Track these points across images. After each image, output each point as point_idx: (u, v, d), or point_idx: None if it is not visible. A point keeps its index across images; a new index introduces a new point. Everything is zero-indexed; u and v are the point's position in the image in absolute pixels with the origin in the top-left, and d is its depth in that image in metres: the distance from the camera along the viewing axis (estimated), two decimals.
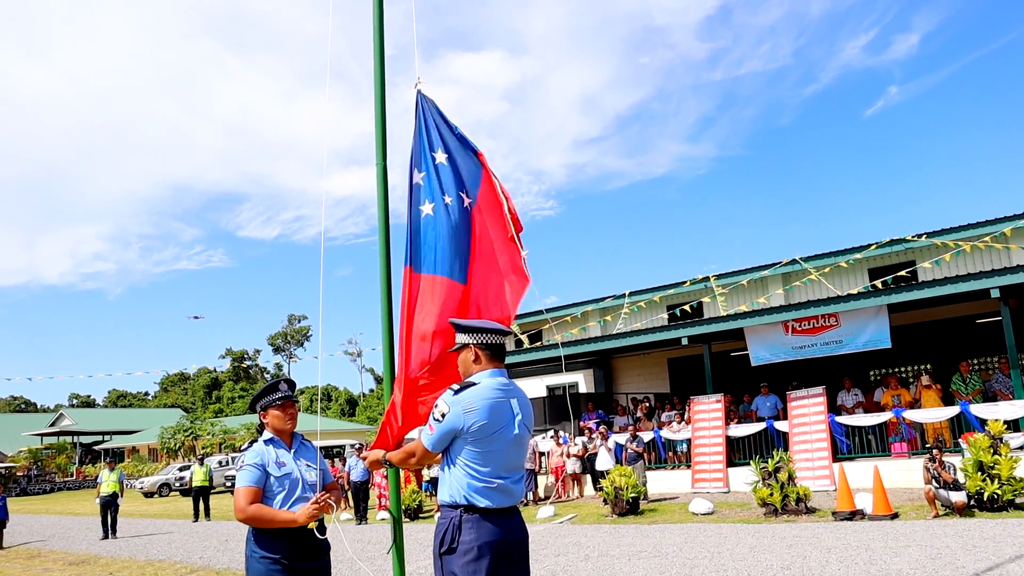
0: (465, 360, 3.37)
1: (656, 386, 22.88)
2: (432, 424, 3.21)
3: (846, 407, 16.76)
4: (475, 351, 3.34)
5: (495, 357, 3.35)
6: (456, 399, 3.16)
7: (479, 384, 3.22)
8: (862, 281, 20.45)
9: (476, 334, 3.36)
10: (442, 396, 3.22)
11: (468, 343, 3.36)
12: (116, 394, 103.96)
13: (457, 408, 3.14)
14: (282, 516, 3.71)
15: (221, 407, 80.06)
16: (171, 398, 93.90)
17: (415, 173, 4.38)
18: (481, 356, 3.33)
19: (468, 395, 3.17)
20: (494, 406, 3.17)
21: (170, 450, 50.19)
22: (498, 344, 3.37)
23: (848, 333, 16.25)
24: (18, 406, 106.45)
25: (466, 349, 3.37)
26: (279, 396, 4.01)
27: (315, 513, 3.71)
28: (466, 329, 3.39)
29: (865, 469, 14.14)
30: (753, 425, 17.14)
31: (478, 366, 3.33)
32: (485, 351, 3.34)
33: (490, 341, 3.35)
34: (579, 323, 24.87)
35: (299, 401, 4.41)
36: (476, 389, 3.19)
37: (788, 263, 21.32)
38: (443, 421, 3.16)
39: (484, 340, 3.34)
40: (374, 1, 4.48)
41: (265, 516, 3.69)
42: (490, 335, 3.36)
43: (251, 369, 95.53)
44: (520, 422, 3.26)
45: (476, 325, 3.39)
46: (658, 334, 18.69)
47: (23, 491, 48.63)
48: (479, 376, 3.28)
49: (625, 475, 14.89)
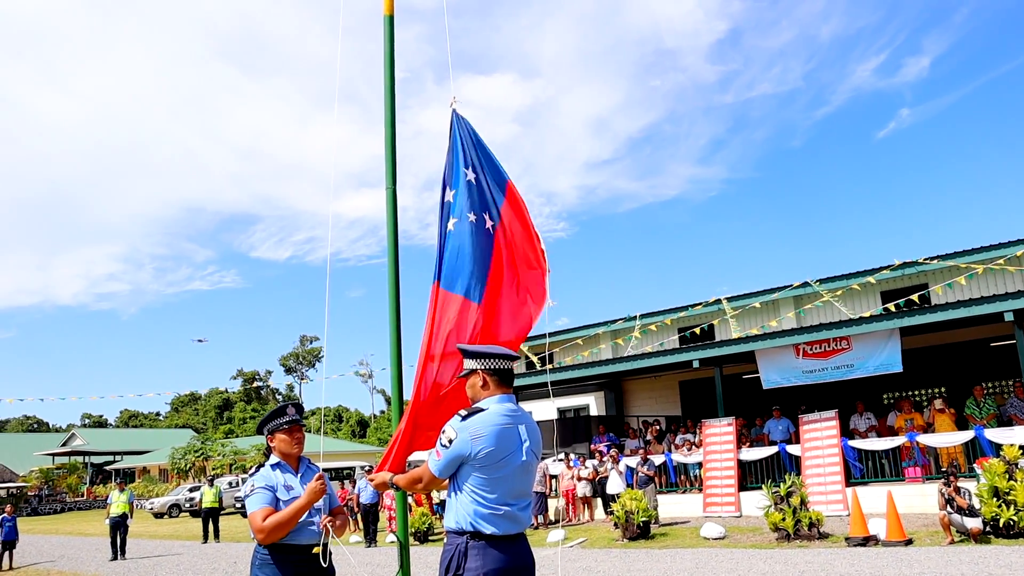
0: (473, 386, 3.36)
1: (667, 409, 22.76)
2: (439, 450, 3.20)
3: (859, 431, 16.62)
4: (483, 376, 3.33)
5: (503, 383, 3.33)
6: (463, 425, 3.15)
7: (487, 410, 3.21)
8: (874, 304, 20.34)
9: (484, 359, 3.34)
10: (449, 422, 3.21)
11: (476, 368, 3.35)
12: (128, 414, 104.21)
13: (464, 434, 3.13)
14: (293, 506, 3.75)
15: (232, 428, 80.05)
16: (182, 418, 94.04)
17: (447, 191, 4.42)
18: (489, 382, 3.32)
19: (476, 421, 3.15)
20: (502, 432, 3.15)
21: (181, 471, 50.17)
22: (506, 369, 3.35)
23: (860, 357, 16.15)
24: (31, 426, 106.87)
25: (474, 375, 3.36)
26: (286, 420, 4.02)
27: (321, 489, 3.75)
28: (473, 355, 3.38)
29: (879, 494, 13.99)
30: (765, 449, 17.02)
31: (486, 392, 3.31)
32: (493, 376, 3.32)
33: (498, 366, 3.33)
34: (590, 345, 24.81)
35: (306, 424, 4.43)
36: (484, 415, 3.18)
37: (799, 286, 21.25)
38: (450, 447, 3.15)
39: (492, 365, 3.33)
40: (384, 27, 4.54)
41: (281, 519, 3.72)
42: (498, 360, 3.34)
43: (262, 390, 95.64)
44: (528, 448, 3.25)
45: (483, 351, 3.37)
46: (669, 357, 18.63)
47: (34, 511, 48.69)
48: (487, 402, 3.27)
49: (636, 499, 14.80)
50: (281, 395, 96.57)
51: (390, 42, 4.55)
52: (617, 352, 24.18)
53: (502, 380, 3.33)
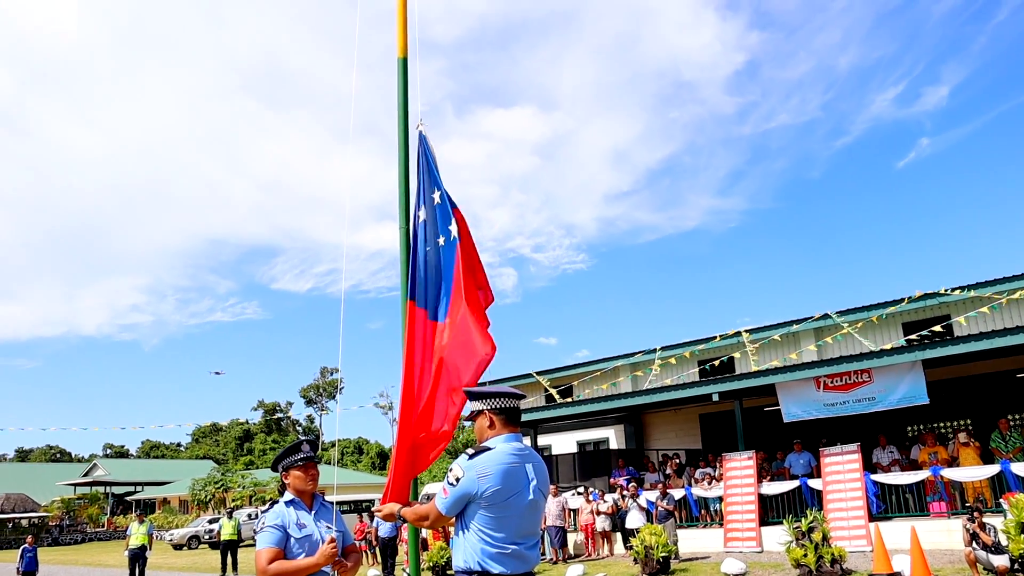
0: (480, 426, 3.36)
1: (687, 442, 22.58)
2: (446, 488, 3.21)
3: (881, 465, 16.40)
4: (490, 417, 3.33)
5: (510, 422, 3.33)
6: (470, 464, 3.16)
7: (494, 449, 3.21)
8: (896, 336, 20.16)
9: (490, 400, 3.35)
10: (457, 460, 3.22)
11: (483, 409, 3.35)
12: (149, 444, 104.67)
13: (471, 473, 3.13)
14: (303, 563, 3.74)
15: (252, 459, 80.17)
16: (203, 449, 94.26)
17: (420, 210, 4.53)
18: (496, 421, 3.32)
19: (482, 460, 3.16)
20: (508, 471, 3.15)
21: (201, 502, 50.23)
22: (512, 408, 3.36)
23: (881, 389, 15.98)
24: (53, 455, 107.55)
25: (480, 416, 3.36)
26: (301, 457, 4.04)
27: (332, 553, 3.74)
28: (480, 396, 3.39)
29: (902, 529, 13.77)
30: (786, 483, 16.82)
31: (493, 431, 3.31)
32: (499, 416, 3.32)
33: (504, 406, 3.34)
34: (609, 378, 24.72)
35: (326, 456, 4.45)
36: (491, 454, 3.18)
37: (820, 317, 21.11)
38: (457, 486, 3.16)
39: (498, 405, 3.33)
40: (398, 70, 4.62)
41: (286, 569, 3.71)
42: (504, 400, 3.35)
43: (283, 421, 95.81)
44: (535, 488, 3.24)
45: (490, 391, 3.38)
46: (688, 390, 18.53)
47: (55, 541, 48.85)
48: (494, 441, 3.27)
49: (656, 533, 14.66)
50: (301, 427, 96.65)
51: (403, 84, 4.63)
52: (637, 385, 24.07)
53: (509, 419, 3.33)
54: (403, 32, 4.64)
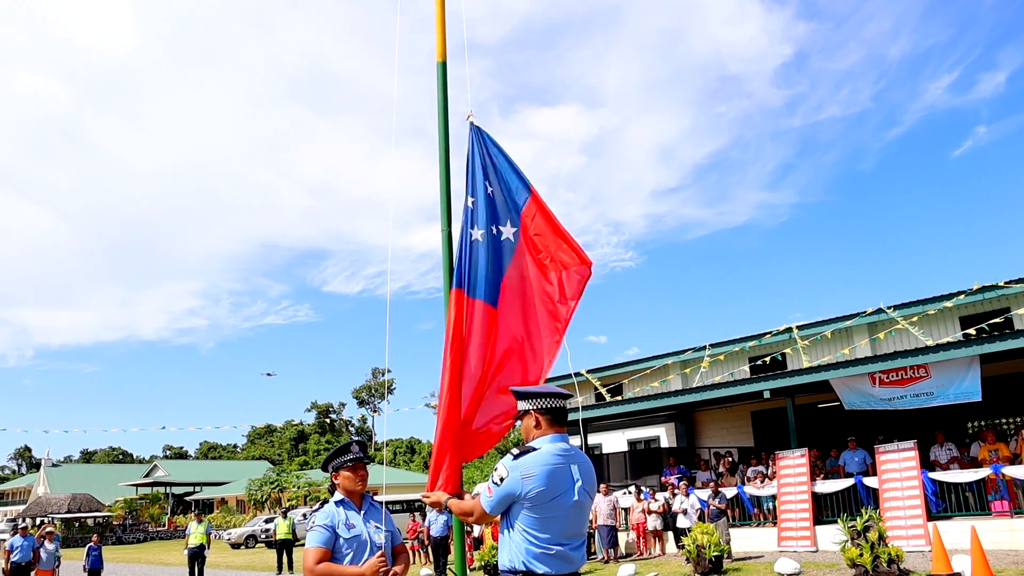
0: (527, 426, 3.38)
1: (740, 440, 22.34)
2: (491, 487, 3.24)
3: (939, 462, 16.03)
4: (536, 417, 3.34)
5: (556, 422, 3.34)
6: (515, 464, 3.18)
7: (539, 450, 3.23)
8: (953, 330, 19.68)
9: (536, 399, 3.36)
10: (502, 460, 3.25)
11: (529, 409, 3.37)
12: (207, 446, 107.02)
13: (516, 473, 3.16)
14: (348, 571, 3.78)
15: (307, 459, 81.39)
16: (259, 450, 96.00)
17: (468, 198, 4.56)
18: (542, 421, 3.33)
19: (527, 461, 3.18)
20: (553, 472, 3.16)
21: (257, 502, 51.17)
22: (559, 408, 3.36)
23: (939, 384, 15.61)
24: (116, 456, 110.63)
25: (527, 416, 3.37)
26: (351, 458, 4.12)
27: (381, 566, 3.78)
28: (526, 395, 3.40)
29: (962, 529, 13.46)
30: (841, 481, 16.54)
31: (539, 431, 3.32)
32: (546, 416, 3.33)
33: (551, 406, 3.34)
34: (659, 376, 24.57)
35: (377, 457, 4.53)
36: (536, 455, 3.20)
37: (874, 312, 20.71)
38: (501, 485, 3.18)
39: (544, 405, 3.34)
40: (438, 73, 4.68)
41: (333, 573, 3.78)
42: (550, 400, 3.36)
43: (336, 422, 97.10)
44: (580, 488, 3.24)
45: (535, 391, 3.39)
46: (739, 387, 18.32)
47: (119, 540, 50.21)
48: (539, 441, 3.28)
49: (707, 532, 14.55)
50: (354, 427, 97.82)
51: (443, 88, 4.68)
52: (687, 382, 23.89)
53: (555, 419, 3.34)
54: (442, 36, 4.70)
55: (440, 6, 4.68)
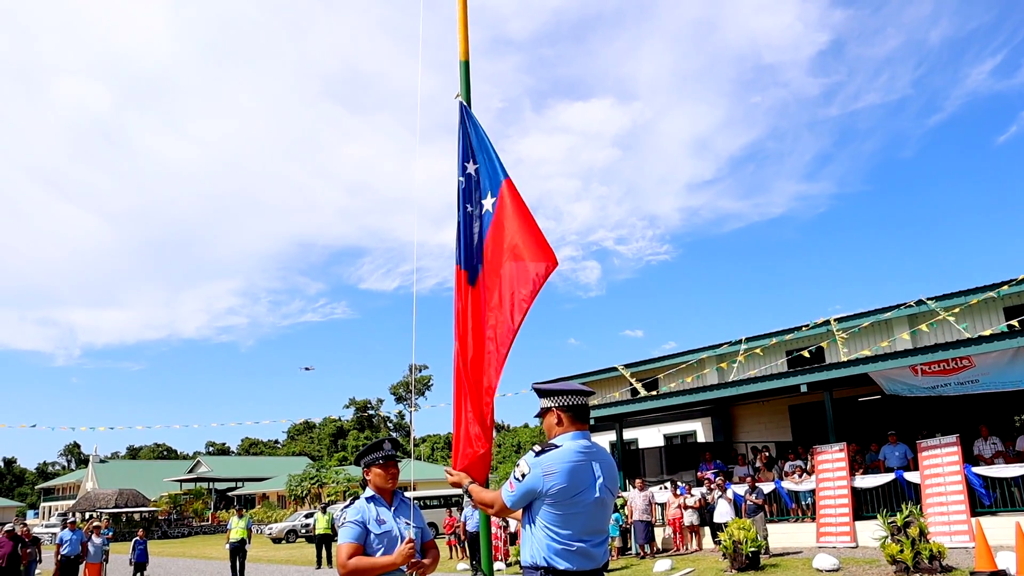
0: (549, 423, 3.40)
1: (777, 434, 22.12)
2: (512, 482, 3.26)
3: (984, 456, 15.73)
4: (558, 414, 3.36)
5: (577, 419, 3.36)
6: (537, 461, 3.20)
7: (561, 447, 3.24)
8: (997, 321, 19.27)
9: (558, 397, 3.38)
10: (524, 457, 3.27)
11: (551, 407, 3.39)
12: (248, 442, 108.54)
13: (537, 470, 3.18)
14: (381, 561, 3.84)
15: (346, 455, 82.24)
16: (298, 446, 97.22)
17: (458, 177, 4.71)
18: (564, 419, 3.35)
19: (548, 458, 3.20)
20: (574, 469, 3.18)
21: (297, 497, 51.84)
22: (580, 405, 3.38)
23: (984, 373, 15.34)
24: (160, 453, 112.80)
25: (549, 413, 3.40)
26: (382, 455, 4.17)
27: (410, 553, 3.84)
28: (548, 393, 3.42)
29: (1007, 525, 13.21)
30: (881, 476, 16.31)
31: (561, 428, 3.34)
32: (567, 413, 3.35)
33: (572, 403, 3.37)
34: (695, 370, 24.41)
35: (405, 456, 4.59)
36: (557, 452, 3.22)
37: (914, 304, 20.35)
38: (523, 481, 3.20)
39: (566, 402, 3.36)
40: (460, 73, 4.70)
41: (365, 565, 3.84)
42: (572, 397, 3.38)
43: (374, 418, 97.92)
44: (602, 485, 3.26)
45: (558, 388, 3.41)
46: (775, 382, 18.14)
47: (164, 534, 51.26)
48: (561, 439, 3.30)
49: (744, 528, 14.44)
50: (392, 423, 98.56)
51: (466, 87, 4.71)
52: (723, 377, 23.70)
53: (576, 416, 3.36)
54: (464, 35, 4.71)
55: (462, 7, 4.70)
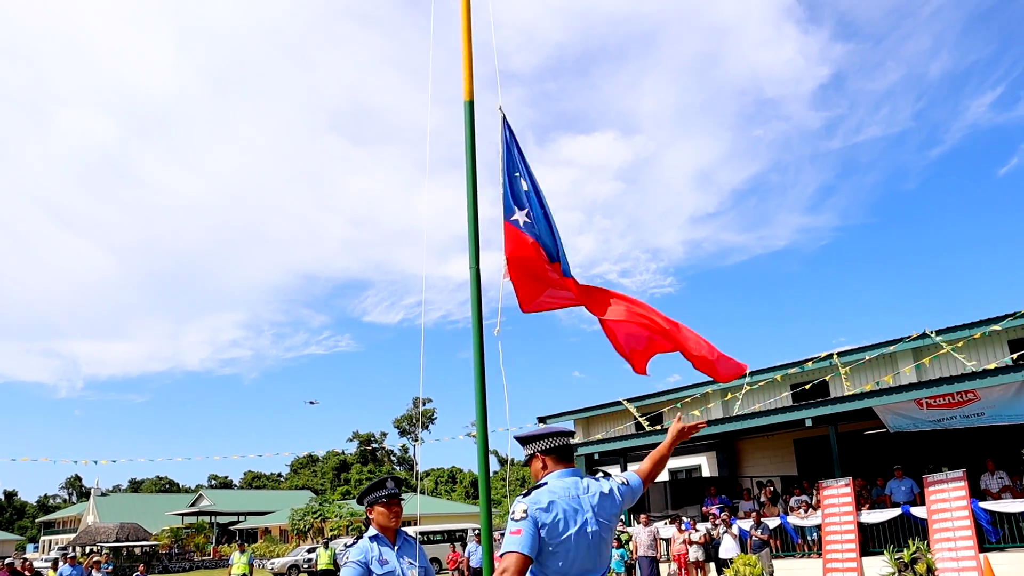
0: (535, 470, 3.45)
1: (782, 468, 21.99)
2: (515, 529, 3.14)
3: (991, 491, 15.62)
4: (541, 459, 3.41)
5: (561, 459, 3.41)
6: (527, 499, 3.20)
7: (548, 484, 3.28)
8: (1002, 354, 19.24)
9: (538, 441, 3.43)
10: (514, 504, 3.22)
11: (534, 452, 3.44)
12: (251, 475, 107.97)
13: (532, 508, 3.16)
14: None
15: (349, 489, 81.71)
16: (301, 480, 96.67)
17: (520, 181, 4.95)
18: (547, 461, 3.40)
19: (537, 493, 3.22)
20: (563, 503, 3.19)
21: (300, 531, 51.44)
22: (562, 446, 3.43)
23: (990, 406, 15.29)
24: (163, 486, 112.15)
25: (533, 459, 3.45)
26: (385, 494, 4.20)
27: None
28: (528, 440, 3.48)
29: (1016, 560, 13.11)
30: (887, 511, 16.18)
31: (546, 471, 3.39)
32: (550, 455, 3.40)
33: (553, 445, 3.41)
34: (699, 404, 24.34)
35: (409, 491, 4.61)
36: (545, 488, 3.25)
37: (917, 337, 20.32)
38: (522, 520, 3.13)
39: (547, 446, 3.41)
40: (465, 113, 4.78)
41: None
42: (552, 439, 3.43)
43: (378, 452, 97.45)
44: (594, 519, 3.26)
45: (536, 433, 3.46)
46: (780, 416, 18.09)
47: (165, 569, 50.81)
48: (548, 478, 3.34)
49: (750, 564, 14.35)
50: (396, 456, 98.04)
51: (470, 127, 4.78)
52: (728, 410, 23.63)
53: (560, 457, 3.41)
54: (469, 75, 4.80)
55: (467, 46, 4.79)
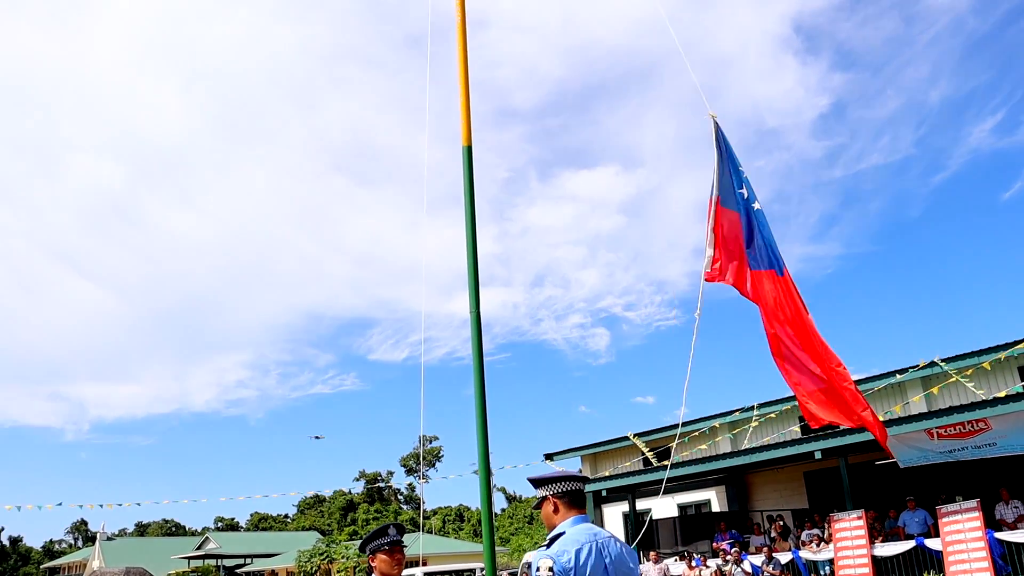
0: (546, 513, 3.41)
1: (793, 502, 21.71)
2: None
3: (1006, 521, 15.40)
4: (553, 502, 3.38)
5: (573, 504, 3.37)
6: (550, 552, 3.17)
7: (565, 534, 3.24)
8: (1012, 381, 19.06)
9: (552, 485, 3.40)
10: (536, 558, 3.20)
11: (546, 495, 3.40)
12: (257, 517, 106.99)
13: (559, 561, 3.12)
14: None
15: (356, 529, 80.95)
16: (308, 520, 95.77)
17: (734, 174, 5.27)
18: (559, 506, 3.36)
19: (559, 544, 3.19)
20: (584, 551, 3.16)
21: (307, 573, 50.84)
22: (575, 491, 3.40)
23: (1002, 435, 15.12)
24: (169, 529, 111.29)
25: (545, 502, 3.41)
26: (388, 541, 4.13)
27: None
28: (541, 482, 3.45)
29: None
30: (901, 543, 15.94)
31: (558, 516, 3.35)
32: (563, 500, 3.37)
33: (566, 489, 3.38)
34: (708, 438, 24.12)
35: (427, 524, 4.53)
36: (564, 538, 3.22)
37: (926, 366, 20.16)
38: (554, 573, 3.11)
39: (560, 489, 3.38)
40: (463, 158, 4.78)
41: None
42: (565, 483, 3.40)
43: (385, 491, 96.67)
44: (611, 565, 3.22)
45: (551, 476, 3.42)
46: (789, 449, 17.91)
47: None
48: (562, 526, 3.31)
49: None
50: (403, 495, 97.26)
51: (468, 171, 4.77)
52: (736, 444, 23.41)
53: (572, 502, 3.38)
54: (467, 122, 4.80)
55: (464, 93, 4.80)
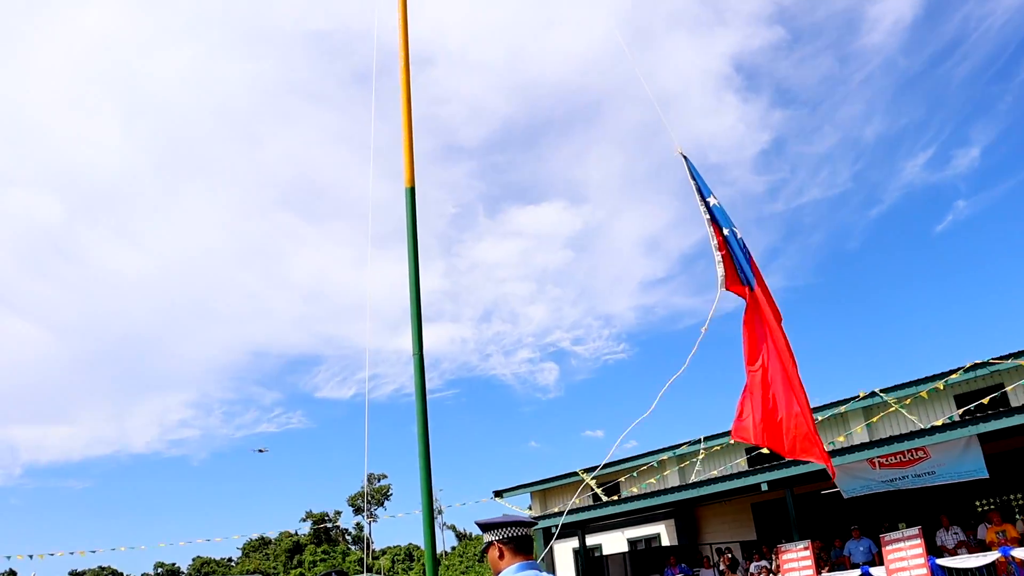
0: (492, 558, 3.35)
1: (741, 534, 21.81)
2: None
3: (947, 547, 15.65)
4: (499, 547, 3.32)
5: (520, 550, 3.32)
6: None
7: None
8: (948, 410, 19.52)
9: (498, 530, 3.34)
10: None
11: (492, 540, 3.34)
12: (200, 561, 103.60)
13: None
14: None
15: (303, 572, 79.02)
16: (253, 564, 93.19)
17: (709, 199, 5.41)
18: (505, 551, 3.31)
19: None
20: None
21: None
22: (522, 536, 3.34)
23: (940, 464, 15.46)
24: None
25: (491, 547, 3.34)
26: None
27: None
28: (488, 527, 3.38)
29: None
30: (847, 573, 16.09)
31: (503, 562, 3.29)
32: (508, 545, 3.31)
33: (512, 535, 3.33)
34: (656, 472, 24.17)
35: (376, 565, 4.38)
36: None
37: (867, 396, 20.55)
38: None
39: (506, 535, 3.32)
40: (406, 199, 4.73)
41: None
42: (512, 528, 3.34)
43: (332, 531, 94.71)
44: None
45: (498, 521, 3.37)
46: (736, 481, 18.02)
47: None
48: (507, 572, 3.25)
49: None
50: (351, 535, 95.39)
51: (412, 212, 4.74)
52: (684, 477, 23.49)
53: (518, 547, 3.32)
54: (409, 164, 4.78)
55: (407, 136, 4.78)
